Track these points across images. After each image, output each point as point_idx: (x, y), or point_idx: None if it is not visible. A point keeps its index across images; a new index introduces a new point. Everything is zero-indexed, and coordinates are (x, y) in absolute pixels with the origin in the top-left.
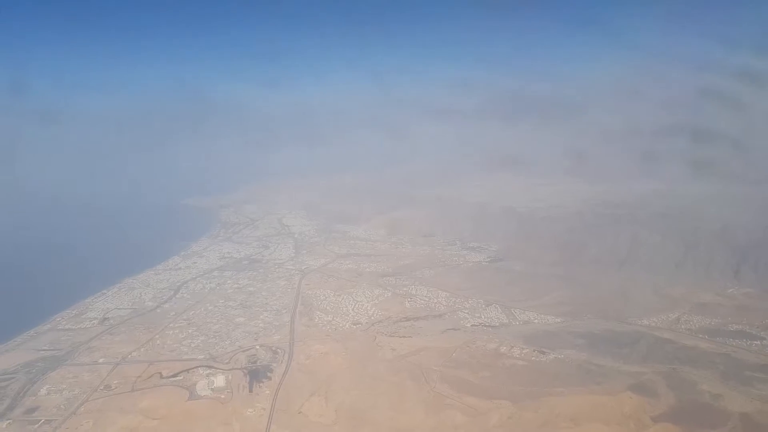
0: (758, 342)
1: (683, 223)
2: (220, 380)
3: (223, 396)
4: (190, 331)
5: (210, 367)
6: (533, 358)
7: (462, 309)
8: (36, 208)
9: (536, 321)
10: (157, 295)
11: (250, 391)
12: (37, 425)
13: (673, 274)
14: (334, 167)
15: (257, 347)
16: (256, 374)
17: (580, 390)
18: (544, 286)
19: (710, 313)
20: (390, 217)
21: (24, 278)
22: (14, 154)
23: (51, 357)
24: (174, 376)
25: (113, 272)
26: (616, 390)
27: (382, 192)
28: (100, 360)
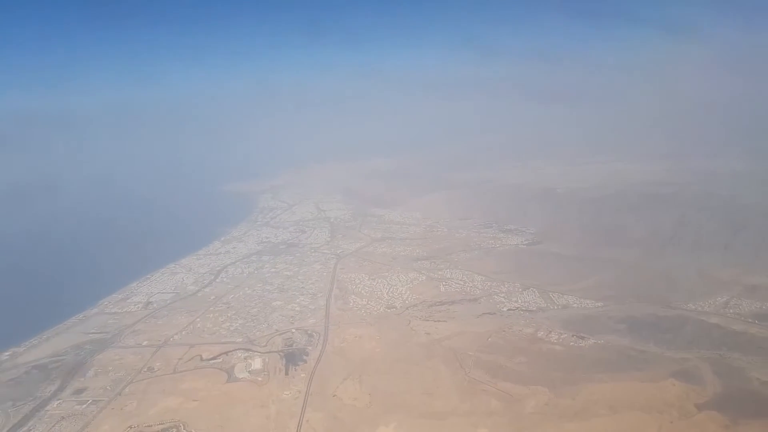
0: None
1: (731, 202)
2: (257, 363)
3: (260, 378)
4: (229, 314)
5: (248, 350)
6: (571, 344)
7: (498, 293)
8: (84, 195)
9: (575, 305)
10: (199, 280)
11: (286, 374)
12: (84, 405)
13: (721, 256)
14: (371, 150)
15: (293, 330)
16: (292, 357)
17: (620, 377)
18: (584, 269)
19: (761, 297)
20: (425, 201)
21: (74, 264)
22: (61, 144)
23: (98, 340)
24: (213, 358)
25: (157, 258)
26: (659, 377)
27: (417, 175)
28: (144, 343)
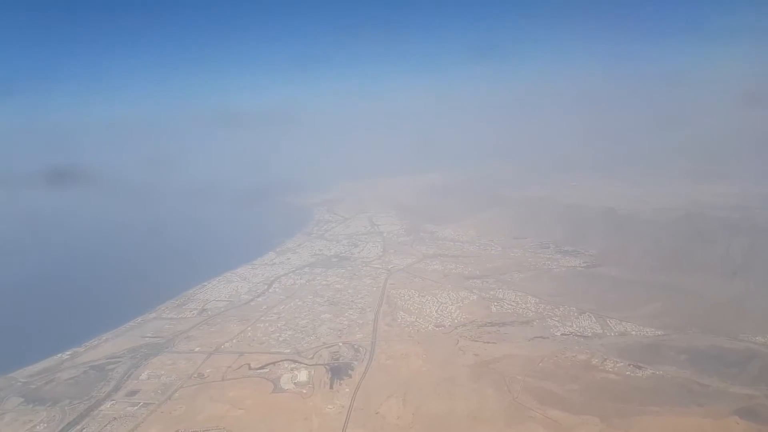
0: None
1: None
2: (303, 375)
3: (304, 391)
4: (279, 325)
5: (295, 361)
6: (627, 373)
7: (552, 316)
8: (148, 205)
9: (633, 333)
10: (252, 289)
11: (331, 387)
12: (136, 407)
13: None
14: (427, 165)
15: (340, 344)
16: (337, 371)
17: (678, 411)
18: (645, 294)
19: None
20: (480, 218)
21: (136, 270)
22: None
23: (154, 344)
24: (261, 368)
25: (215, 266)
26: (721, 413)
27: (474, 191)
28: (196, 349)
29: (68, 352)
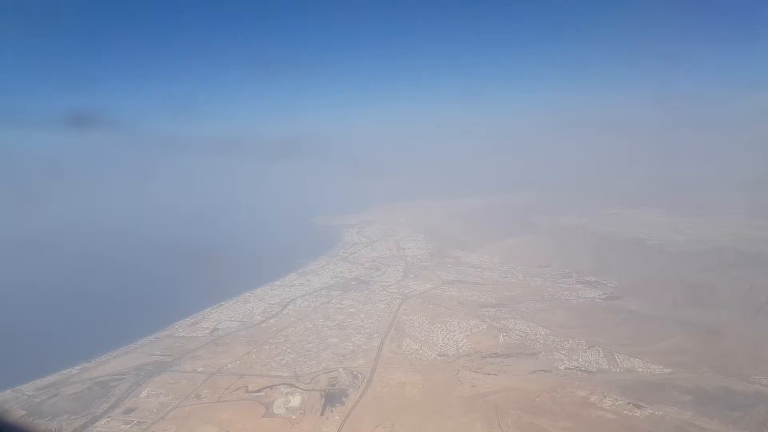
0: None
1: None
2: (296, 400)
3: (294, 417)
4: (284, 347)
5: (291, 385)
6: (625, 412)
7: (559, 349)
8: (175, 222)
9: (640, 369)
10: (267, 310)
11: (322, 414)
12: (129, 425)
13: None
14: (464, 189)
15: (340, 370)
16: (331, 398)
17: None
18: (660, 330)
19: None
20: (507, 244)
21: (158, 286)
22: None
23: (160, 362)
24: (258, 391)
25: (236, 285)
26: None
27: (505, 217)
28: (199, 369)
29: (78, 367)
